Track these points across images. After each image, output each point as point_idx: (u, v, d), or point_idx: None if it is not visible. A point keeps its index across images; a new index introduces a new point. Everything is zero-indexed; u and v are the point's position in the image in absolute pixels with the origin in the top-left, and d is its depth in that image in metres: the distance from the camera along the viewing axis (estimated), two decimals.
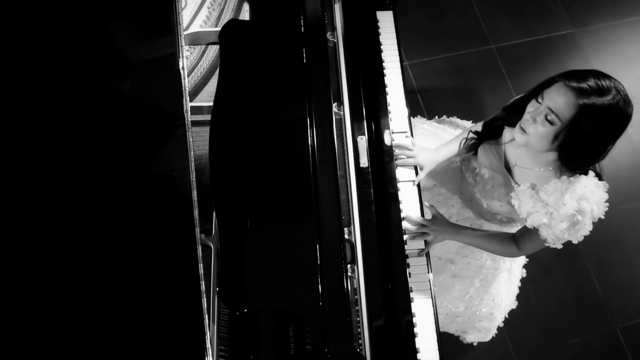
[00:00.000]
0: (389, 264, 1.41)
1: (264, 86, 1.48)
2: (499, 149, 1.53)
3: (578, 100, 1.20)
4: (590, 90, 1.20)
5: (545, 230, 1.37)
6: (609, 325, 2.44)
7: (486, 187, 1.57)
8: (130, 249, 1.16)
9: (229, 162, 1.38)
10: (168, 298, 1.14)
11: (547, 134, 1.26)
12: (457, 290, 1.81)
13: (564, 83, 1.23)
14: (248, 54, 1.52)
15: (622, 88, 1.23)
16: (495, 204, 1.57)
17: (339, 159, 1.48)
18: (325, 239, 1.32)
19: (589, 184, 1.30)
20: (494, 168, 1.55)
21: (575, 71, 1.27)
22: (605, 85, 1.21)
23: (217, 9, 1.72)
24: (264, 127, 1.43)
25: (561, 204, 1.31)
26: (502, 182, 1.52)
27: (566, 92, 1.22)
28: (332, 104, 1.49)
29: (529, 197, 1.39)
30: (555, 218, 1.33)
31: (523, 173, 1.46)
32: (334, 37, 1.63)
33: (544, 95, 1.27)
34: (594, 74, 1.24)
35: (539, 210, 1.37)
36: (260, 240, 1.32)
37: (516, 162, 1.48)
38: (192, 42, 1.67)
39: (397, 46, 1.86)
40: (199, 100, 1.61)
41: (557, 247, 1.40)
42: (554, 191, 1.33)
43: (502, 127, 1.51)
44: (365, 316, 1.31)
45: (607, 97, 1.20)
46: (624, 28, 3.11)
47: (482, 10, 3.05)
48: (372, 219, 1.40)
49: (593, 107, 1.20)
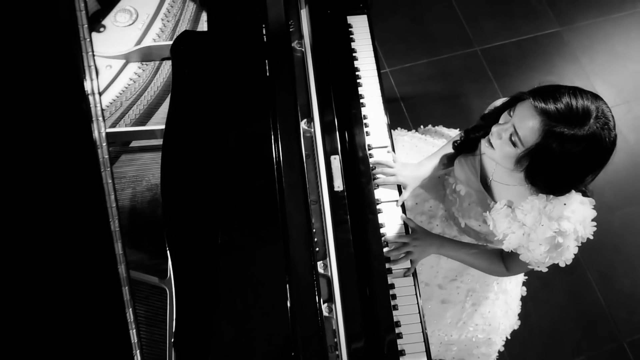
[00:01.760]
0: (371, 299, 1.25)
1: (222, 105, 1.32)
2: (475, 162, 1.38)
3: (544, 127, 1.02)
4: (559, 116, 1.00)
5: (525, 252, 1.22)
6: (616, 339, 2.29)
7: (463, 205, 1.42)
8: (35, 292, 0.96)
9: (183, 192, 1.22)
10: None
11: (510, 154, 1.10)
12: (449, 317, 1.65)
13: (530, 102, 1.04)
14: (204, 69, 1.36)
15: (603, 111, 1.03)
16: (473, 224, 1.42)
17: (310, 182, 1.32)
18: (295, 276, 1.15)
19: (571, 201, 1.14)
20: (470, 184, 1.40)
21: (550, 88, 1.06)
22: (580, 109, 1.00)
23: (172, 21, 1.56)
24: (223, 151, 1.26)
25: (539, 224, 1.16)
26: (478, 199, 1.37)
27: (532, 113, 1.04)
28: (299, 120, 1.33)
29: (505, 216, 1.24)
30: (533, 240, 1.18)
31: (500, 189, 1.31)
32: (301, 46, 1.48)
33: (515, 109, 1.10)
34: (571, 93, 1.03)
35: (515, 231, 1.21)
36: (220, 282, 1.15)
37: (492, 176, 1.33)
38: (144, 58, 1.51)
39: (373, 52, 1.71)
40: (152, 123, 1.44)
41: (542, 271, 1.25)
42: (531, 210, 1.17)
43: (480, 137, 1.36)
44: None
45: (583, 127, 1.00)
46: (611, 24, 3.00)
47: (464, 11, 2.92)
48: (350, 249, 1.23)
49: (560, 136, 1.01)
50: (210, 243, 1.18)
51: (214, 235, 1.19)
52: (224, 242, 1.18)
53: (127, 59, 1.50)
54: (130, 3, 1.56)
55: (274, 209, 1.20)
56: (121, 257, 0.93)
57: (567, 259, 1.19)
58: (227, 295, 1.14)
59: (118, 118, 1.43)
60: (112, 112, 1.44)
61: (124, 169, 1.40)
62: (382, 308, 1.25)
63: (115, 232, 0.91)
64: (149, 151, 1.42)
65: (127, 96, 1.46)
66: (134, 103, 1.45)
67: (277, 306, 1.13)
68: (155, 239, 1.15)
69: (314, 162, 1.34)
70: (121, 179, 1.39)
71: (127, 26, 1.54)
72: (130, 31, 1.53)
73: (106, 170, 0.88)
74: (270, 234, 1.19)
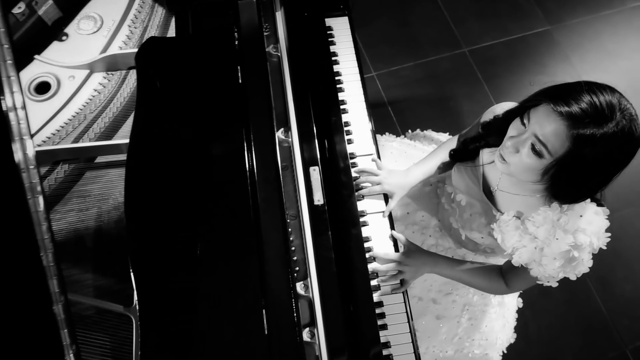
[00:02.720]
0: (357, 321, 1.15)
1: (192, 116, 1.22)
2: (476, 171, 1.29)
3: (571, 131, 0.92)
4: (586, 116, 0.91)
5: (537, 268, 1.13)
6: (618, 347, 2.20)
7: (464, 216, 1.32)
8: None
9: (149, 211, 1.12)
10: None
11: (534, 167, 1.00)
12: (444, 333, 1.55)
13: (552, 107, 0.94)
14: (172, 78, 1.26)
15: (625, 103, 0.94)
16: (475, 236, 1.32)
17: (289, 196, 1.22)
18: (272, 300, 1.05)
19: (587, 213, 1.05)
20: (472, 193, 1.30)
21: (564, 88, 0.97)
22: (604, 105, 0.91)
23: (139, 27, 1.47)
24: (192, 166, 1.17)
25: (553, 237, 1.06)
26: (482, 210, 1.27)
27: (555, 118, 0.94)
28: (275, 130, 1.23)
29: (514, 228, 1.14)
30: (547, 255, 1.08)
31: (506, 198, 1.22)
32: (277, 51, 1.39)
33: (530, 116, 1.00)
34: (589, 89, 0.93)
35: (526, 245, 1.12)
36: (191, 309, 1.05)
37: (498, 185, 1.23)
38: (110, 68, 1.41)
39: (355, 56, 1.63)
40: (119, 137, 1.34)
41: (552, 286, 1.16)
42: (544, 222, 1.08)
43: (480, 147, 1.27)
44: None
45: (610, 123, 0.91)
46: (601, 22, 2.94)
47: (451, 12, 2.85)
48: (332, 268, 1.14)
49: (592, 138, 0.91)
50: (180, 265, 1.08)
51: (183, 256, 1.09)
52: (194, 264, 1.08)
53: (91, 68, 1.40)
54: (95, 9, 1.47)
55: (249, 226, 1.11)
56: (57, 296, 0.82)
57: (580, 272, 1.10)
58: (199, 323, 1.04)
59: (81, 132, 1.33)
60: (74, 127, 1.34)
61: (89, 187, 1.30)
62: (369, 330, 1.15)
63: (49, 268, 0.80)
64: (116, 167, 1.32)
65: (92, 108, 1.37)
66: (99, 116, 1.36)
67: (254, 333, 1.04)
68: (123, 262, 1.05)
69: (293, 174, 1.25)
70: (85, 197, 1.30)
71: (91, 34, 1.44)
72: (94, 39, 1.44)
73: (35, 197, 0.77)
74: (245, 254, 1.09)
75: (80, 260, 1.22)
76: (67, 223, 1.25)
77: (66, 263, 1.21)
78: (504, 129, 1.06)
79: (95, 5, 1.48)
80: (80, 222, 1.26)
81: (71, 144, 1.30)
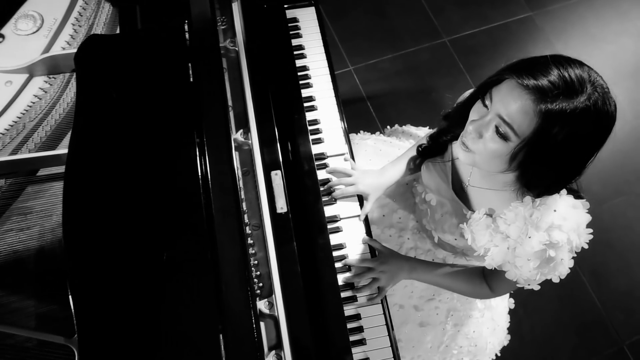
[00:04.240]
0: (329, 339, 1.04)
1: (136, 119, 1.10)
2: (445, 167, 1.18)
3: (539, 106, 0.82)
4: (555, 90, 0.82)
5: (512, 270, 1.02)
6: (615, 343, 2.11)
7: (435, 217, 1.22)
8: None
9: (90, 228, 1.00)
10: None
11: (500, 152, 0.89)
12: (429, 342, 1.45)
13: (516, 81, 0.85)
14: (115, 78, 1.14)
15: (597, 78, 0.85)
16: (448, 238, 1.22)
17: (251, 204, 1.11)
18: (230, 322, 0.94)
19: (562, 206, 0.95)
20: (441, 192, 1.20)
21: (529, 61, 0.87)
22: (574, 77, 0.82)
23: (84, 25, 1.34)
24: (138, 176, 1.05)
25: (525, 236, 0.96)
26: (452, 209, 1.17)
27: (520, 93, 0.84)
28: (230, 131, 1.12)
29: (485, 227, 1.04)
30: (520, 255, 0.98)
31: (479, 195, 1.11)
32: (234, 45, 1.27)
33: (492, 95, 0.89)
34: (557, 62, 0.84)
35: (498, 245, 1.02)
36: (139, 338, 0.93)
37: (469, 181, 1.13)
38: (51, 71, 1.29)
39: (324, 49, 1.52)
40: (63, 147, 1.22)
41: (534, 289, 1.06)
42: (515, 219, 0.98)
43: (448, 141, 1.16)
44: None
45: (581, 97, 0.82)
46: (584, 6, 2.85)
47: (429, 2, 2.74)
48: (298, 282, 1.03)
49: (562, 113, 0.82)
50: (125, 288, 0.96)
51: (129, 277, 0.97)
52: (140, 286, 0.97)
53: (31, 72, 1.28)
54: (35, 7, 1.34)
55: (202, 241, 0.99)
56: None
57: (562, 273, 1.00)
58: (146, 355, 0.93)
59: (20, 143, 1.21)
60: (12, 137, 1.22)
61: (30, 203, 1.18)
62: (342, 347, 1.05)
63: None
64: (60, 180, 1.20)
65: (32, 116, 1.24)
66: (40, 124, 1.23)
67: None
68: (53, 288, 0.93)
69: (254, 180, 1.14)
70: (27, 215, 1.17)
71: (30, 34, 1.31)
72: (34, 40, 1.31)
73: None
74: (199, 273, 0.98)
75: (20, 285, 1.10)
76: (5, 245, 1.13)
77: (4, 290, 1.09)
78: (466, 115, 0.95)
79: (34, 3, 1.35)
80: (20, 242, 1.14)
81: (9, 156, 1.17)
